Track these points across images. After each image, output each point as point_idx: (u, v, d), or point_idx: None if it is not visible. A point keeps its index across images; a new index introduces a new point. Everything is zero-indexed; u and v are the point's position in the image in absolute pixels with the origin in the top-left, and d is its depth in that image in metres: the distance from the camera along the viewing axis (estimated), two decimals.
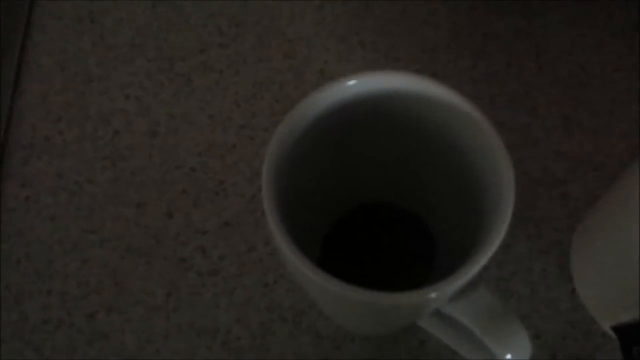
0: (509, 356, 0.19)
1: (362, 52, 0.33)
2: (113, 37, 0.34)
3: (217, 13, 0.34)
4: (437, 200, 0.25)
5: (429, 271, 0.25)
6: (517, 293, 0.27)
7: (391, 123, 0.21)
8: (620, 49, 0.32)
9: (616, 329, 0.24)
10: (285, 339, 0.27)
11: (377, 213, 0.27)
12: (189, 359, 0.27)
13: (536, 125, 0.31)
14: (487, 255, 0.18)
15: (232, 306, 0.28)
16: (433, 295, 0.17)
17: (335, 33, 0.33)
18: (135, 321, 0.27)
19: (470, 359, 0.22)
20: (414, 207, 0.27)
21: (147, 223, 0.29)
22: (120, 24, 0.34)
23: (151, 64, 0.33)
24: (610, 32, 0.33)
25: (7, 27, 0.34)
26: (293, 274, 0.21)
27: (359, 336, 0.26)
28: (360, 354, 0.26)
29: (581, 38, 0.33)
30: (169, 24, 0.34)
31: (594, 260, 0.27)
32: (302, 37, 0.33)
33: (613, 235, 0.26)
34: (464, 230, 0.22)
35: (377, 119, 0.21)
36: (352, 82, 0.19)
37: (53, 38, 0.34)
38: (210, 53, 0.33)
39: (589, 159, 0.30)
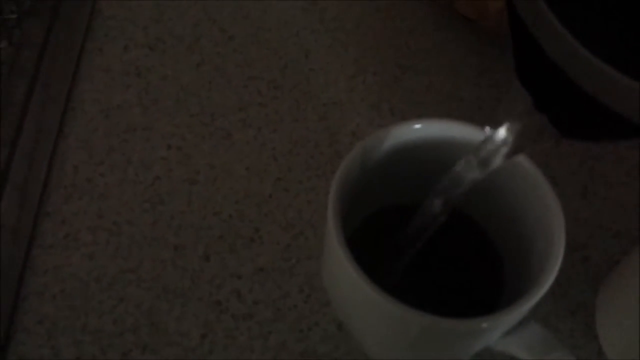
0: None
1: (391, 119, 0.35)
2: (158, 91, 0.35)
3: (257, 76, 0.36)
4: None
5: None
6: None
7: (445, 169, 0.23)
8: None
9: None
10: None
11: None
12: None
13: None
14: (545, 286, 0.19)
15: (266, 351, 0.28)
16: (498, 321, 0.18)
17: (366, 100, 0.36)
18: None
19: None
20: None
21: (184, 265, 0.30)
22: (165, 80, 0.36)
23: (193, 118, 0.35)
24: None
25: (55, 75, 0.35)
26: (339, 289, 0.22)
27: None
28: None
29: None
30: (212, 83, 0.36)
31: (618, 321, 0.28)
32: (336, 102, 0.36)
33: (634, 297, 0.27)
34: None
35: (434, 165, 0.22)
36: (417, 126, 0.21)
37: (99, 88, 0.35)
38: (250, 111, 0.35)
39: (607, 226, 0.32)
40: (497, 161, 0.19)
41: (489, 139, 0.18)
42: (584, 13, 0.14)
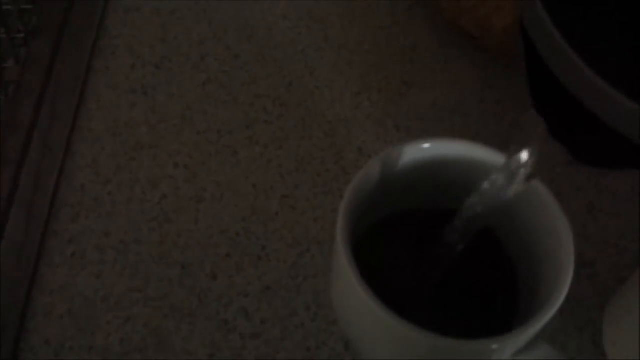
0: None
1: (397, 135, 0.35)
2: (164, 109, 0.36)
3: (263, 94, 0.37)
4: None
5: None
6: None
7: (454, 189, 0.23)
8: None
9: None
10: None
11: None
12: None
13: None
14: (554, 308, 0.19)
15: None
16: (507, 343, 0.18)
17: (372, 117, 0.36)
18: None
19: None
20: None
21: (191, 284, 0.30)
22: (171, 98, 0.36)
23: (200, 136, 0.35)
24: None
25: (62, 93, 0.36)
26: (346, 306, 0.22)
27: None
28: None
29: None
30: (218, 101, 0.36)
31: (626, 337, 0.28)
32: (342, 119, 0.36)
33: None
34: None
35: (442, 183, 0.22)
36: (426, 145, 0.21)
37: (106, 106, 0.36)
38: (256, 129, 0.35)
39: (613, 242, 0.32)
40: (516, 187, 0.19)
41: (507, 165, 0.18)
42: (600, 41, 0.14)
